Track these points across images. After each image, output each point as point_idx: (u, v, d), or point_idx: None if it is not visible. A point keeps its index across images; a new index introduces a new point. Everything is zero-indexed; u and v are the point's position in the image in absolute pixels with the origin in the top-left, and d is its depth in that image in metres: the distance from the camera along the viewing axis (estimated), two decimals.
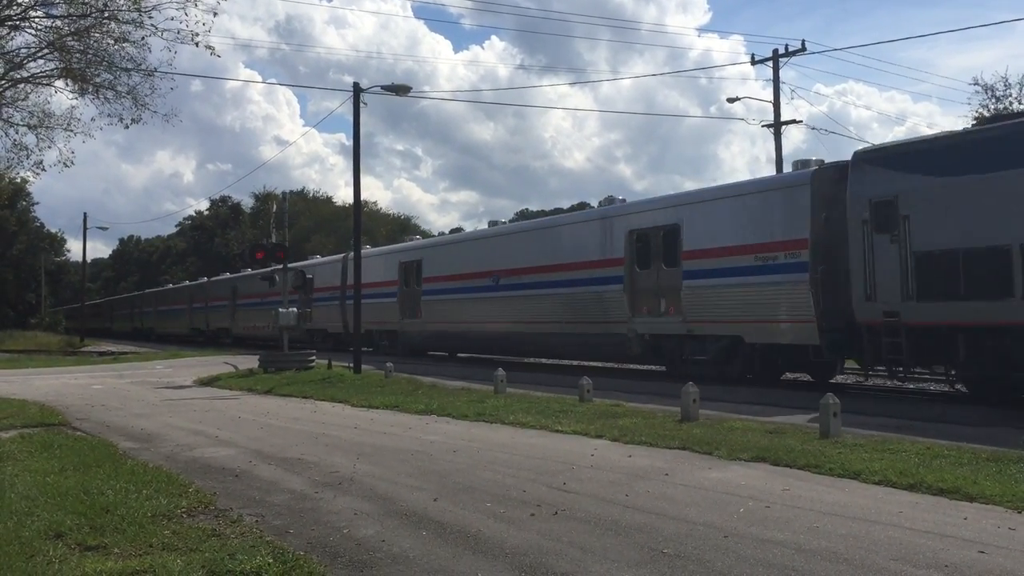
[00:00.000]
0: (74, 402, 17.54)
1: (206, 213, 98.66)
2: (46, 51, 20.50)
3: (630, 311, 20.31)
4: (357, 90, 24.72)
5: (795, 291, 16.25)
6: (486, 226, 30.82)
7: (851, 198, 15.09)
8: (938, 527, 6.43)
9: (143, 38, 19.35)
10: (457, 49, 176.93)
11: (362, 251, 35.72)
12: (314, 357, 26.14)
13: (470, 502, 7.62)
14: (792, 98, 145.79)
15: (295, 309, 26.80)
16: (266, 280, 30.50)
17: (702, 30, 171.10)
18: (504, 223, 29.57)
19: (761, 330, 17.28)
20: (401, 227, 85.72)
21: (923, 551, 5.82)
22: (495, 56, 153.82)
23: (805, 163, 17.23)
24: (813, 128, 76.51)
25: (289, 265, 40.26)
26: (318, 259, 40.52)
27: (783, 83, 33.02)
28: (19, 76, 21.40)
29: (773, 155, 32.80)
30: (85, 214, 67.92)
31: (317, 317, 35.44)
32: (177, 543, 6.26)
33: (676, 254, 19.18)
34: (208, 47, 19.38)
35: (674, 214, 19.56)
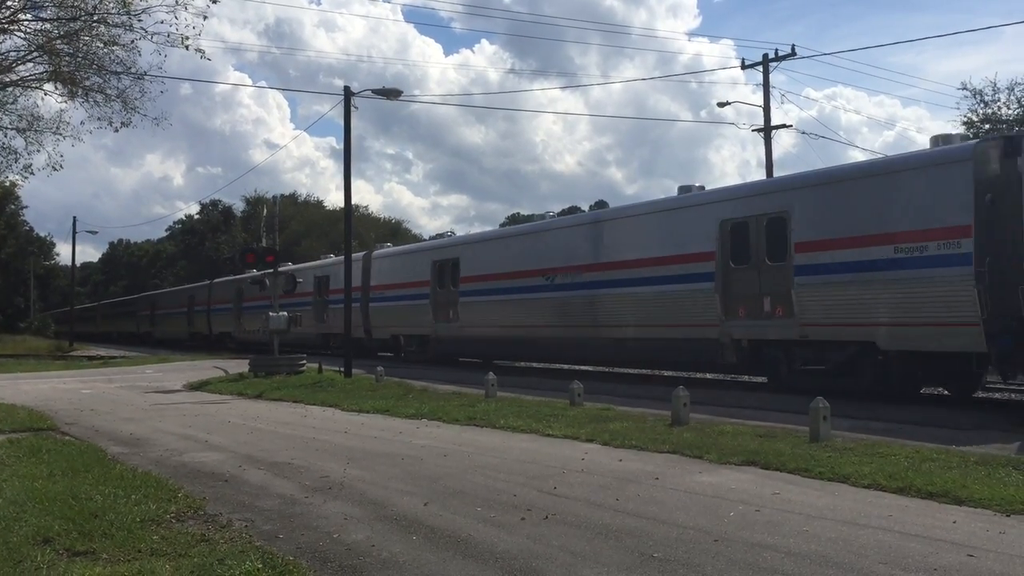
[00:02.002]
0: (63, 407, 17.44)
1: (197, 217, 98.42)
2: (35, 54, 20.46)
3: (723, 313, 17.78)
4: (348, 94, 24.72)
5: (954, 288, 13.59)
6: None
7: None
8: (927, 530, 6.45)
9: (133, 41, 19.33)
10: (447, 53, 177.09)
11: (389, 249, 35.57)
12: (304, 361, 26.09)
13: (460, 506, 7.61)
14: (782, 102, 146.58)
15: (285, 313, 26.72)
16: (256, 284, 30.42)
17: (692, 34, 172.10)
18: (553, 215, 28.07)
19: (902, 334, 14.59)
20: (392, 231, 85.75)
21: (912, 554, 5.84)
22: (485, 60, 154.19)
23: (947, 138, 15.03)
24: (803, 132, 77.07)
25: (302, 266, 39.73)
26: (333, 258, 38.13)
27: (773, 87, 33.17)
28: (8, 79, 21.34)
29: (764, 159, 32.92)
30: (75, 218, 67.20)
31: (334, 320, 33.92)
32: (166, 548, 6.22)
33: (784, 246, 16.46)
34: (198, 50, 19.39)
35: (780, 200, 16.88)
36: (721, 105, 35.81)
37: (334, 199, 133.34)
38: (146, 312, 65.91)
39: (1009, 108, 37.59)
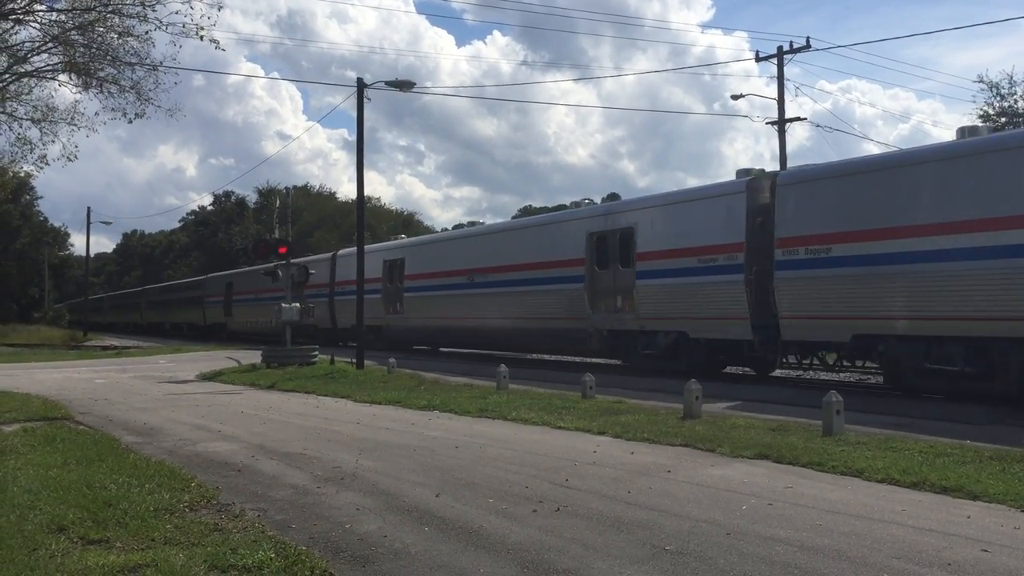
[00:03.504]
0: (77, 396, 17.55)
1: (210, 208, 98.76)
2: (50, 45, 20.47)
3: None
4: (361, 85, 24.71)
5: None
6: (490, 222, 31.50)
7: None
8: (941, 525, 6.42)
9: (147, 32, 19.31)
10: (459, 44, 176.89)
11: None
12: (316, 352, 26.15)
13: (472, 498, 7.61)
14: (796, 95, 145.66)
15: (297, 304, 26.78)
16: (268, 275, 30.51)
17: (705, 26, 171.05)
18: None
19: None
20: (404, 223, 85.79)
21: (926, 549, 5.81)
22: (498, 52, 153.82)
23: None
24: (817, 125, 76.57)
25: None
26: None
27: (787, 80, 33.01)
28: (23, 70, 21.38)
29: (777, 152, 32.75)
30: (89, 208, 67.43)
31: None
32: (179, 537, 6.26)
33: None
34: (213, 40, 19.35)
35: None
36: (735, 98, 35.73)
37: (346, 191, 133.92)
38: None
39: None
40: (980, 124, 16.82)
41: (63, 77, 21.15)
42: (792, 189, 16.58)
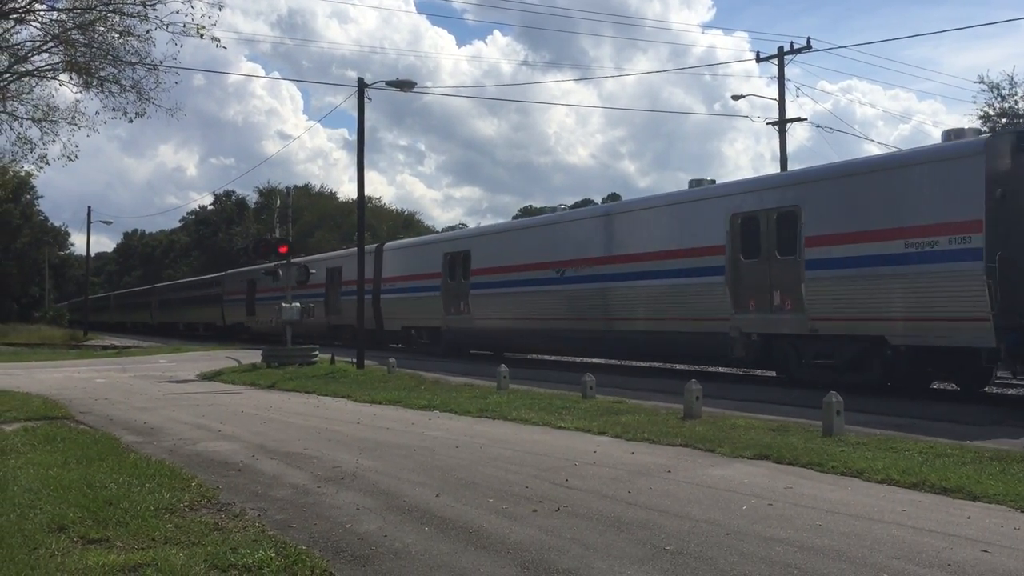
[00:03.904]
0: (77, 395, 17.55)
1: (210, 208, 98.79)
2: (50, 44, 20.49)
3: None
4: (362, 85, 24.71)
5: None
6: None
7: None
8: (941, 526, 6.42)
9: (148, 32, 19.32)
10: (460, 44, 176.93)
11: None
12: (317, 352, 26.14)
13: (472, 498, 7.62)
14: (797, 95, 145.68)
15: (298, 304, 26.78)
16: (269, 275, 30.49)
17: (706, 27, 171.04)
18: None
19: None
20: (404, 223, 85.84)
21: (926, 550, 5.81)
22: (498, 52, 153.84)
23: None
24: (818, 126, 76.67)
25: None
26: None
27: (788, 80, 32.99)
28: (23, 69, 21.40)
29: (778, 153, 32.75)
30: (89, 208, 67.36)
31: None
32: (180, 537, 6.26)
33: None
34: (214, 38, 19.34)
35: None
36: (735, 98, 35.74)
37: (347, 190, 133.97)
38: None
39: None
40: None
41: (64, 76, 21.18)
42: None
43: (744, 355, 17.69)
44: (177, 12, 19.34)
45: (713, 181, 20.26)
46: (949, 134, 14.90)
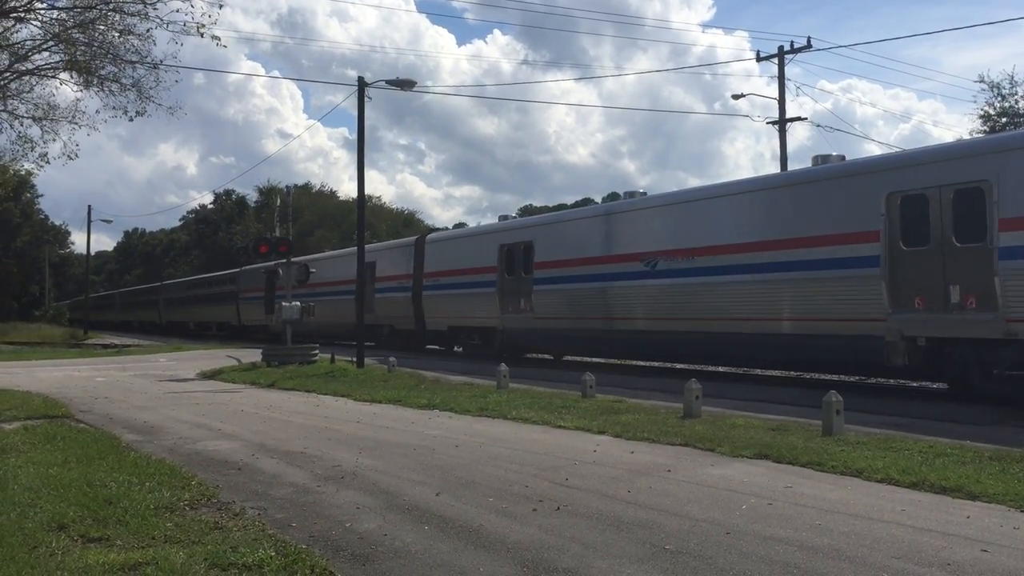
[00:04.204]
0: (77, 394, 17.56)
1: (210, 207, 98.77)
2: (51, 43, 20.51)
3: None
4: (362, 84, 24.70)
5: None
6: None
7: None
8: (940, 525, 6.42)
9: (148, 30, 19.33)
10: (460, 43, 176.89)
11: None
12: (317, 351, 26.14)
13: (472, 497, 7.62)
14: (797, 95, 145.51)
15: (298, 303, 26.77)
16: (271, 275, 30.47)
17: (706, 26, 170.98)
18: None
19: None
20: (404, 222, 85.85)
21: (925, 549, 5.81)
22: (498, 51, 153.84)
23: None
24: (818, 125, 76.46)
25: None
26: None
27: (788, 80, 32.94)
28: (24, 68, 21.42)
29: (778, 152, 32.74)
30: (89, 207, 67.26)
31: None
32: (180, 536, 6.26)
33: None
34: (214, 37, 19.34)
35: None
36: (735, 97, 35.67)
37: (347, 189, 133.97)
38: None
39: None
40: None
41: (64, 75, 21.21)
42: None
43: (906, 363, 14.76)
44: (177, 11, 19.39)
45: (841, 158, 17.00)
46: None
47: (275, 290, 41.12)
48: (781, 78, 32.54)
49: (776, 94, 32.84)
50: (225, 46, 20.82)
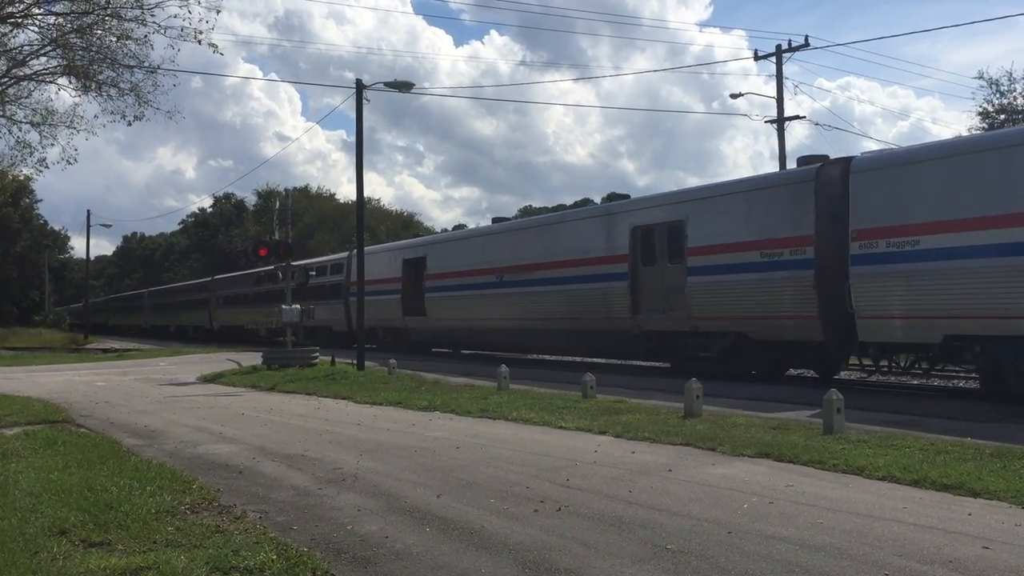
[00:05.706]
0: (78, 399, 17.56)
1: (209, 210, 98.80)
2: (49, 48, 20.54)
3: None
4: (360, 87, 24.70)
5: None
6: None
7: None
8: (942, 523, 6.42)
9: (146, 35, 19.35)
10: (457, 44, 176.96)
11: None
12: (317, 354, 26.15)
13: (473, 498, 7.62)
14: (795, 93, 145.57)
15: (297, 306, 26.77)
16: (270, 278, 30.50)
17: (704, 25, 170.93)
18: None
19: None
20: (404, 224, 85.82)
21: (927, 547, 5.81)
22: (496, 52, 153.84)
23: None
24: (816, 124, 76.54)
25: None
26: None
27: (786, 78, 32.94)
28: (22, 73, 21.44)
29: (776, 150, 32.75)
30: (88, 211, 67.24)
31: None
32: (181, 540, 6.26)
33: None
34: (211, 45, 19.39)
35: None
36: (734, 96, 35.62)
37: (346, 192, 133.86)
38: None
39: None
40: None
41: (62, 80, 21.25)
42: None
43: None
44: (175, 16, 19.40)
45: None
46: None
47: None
48: (779, 76, 32.57)
49: (774, 93, 32.90)
50: (222, 53, 20.85)
